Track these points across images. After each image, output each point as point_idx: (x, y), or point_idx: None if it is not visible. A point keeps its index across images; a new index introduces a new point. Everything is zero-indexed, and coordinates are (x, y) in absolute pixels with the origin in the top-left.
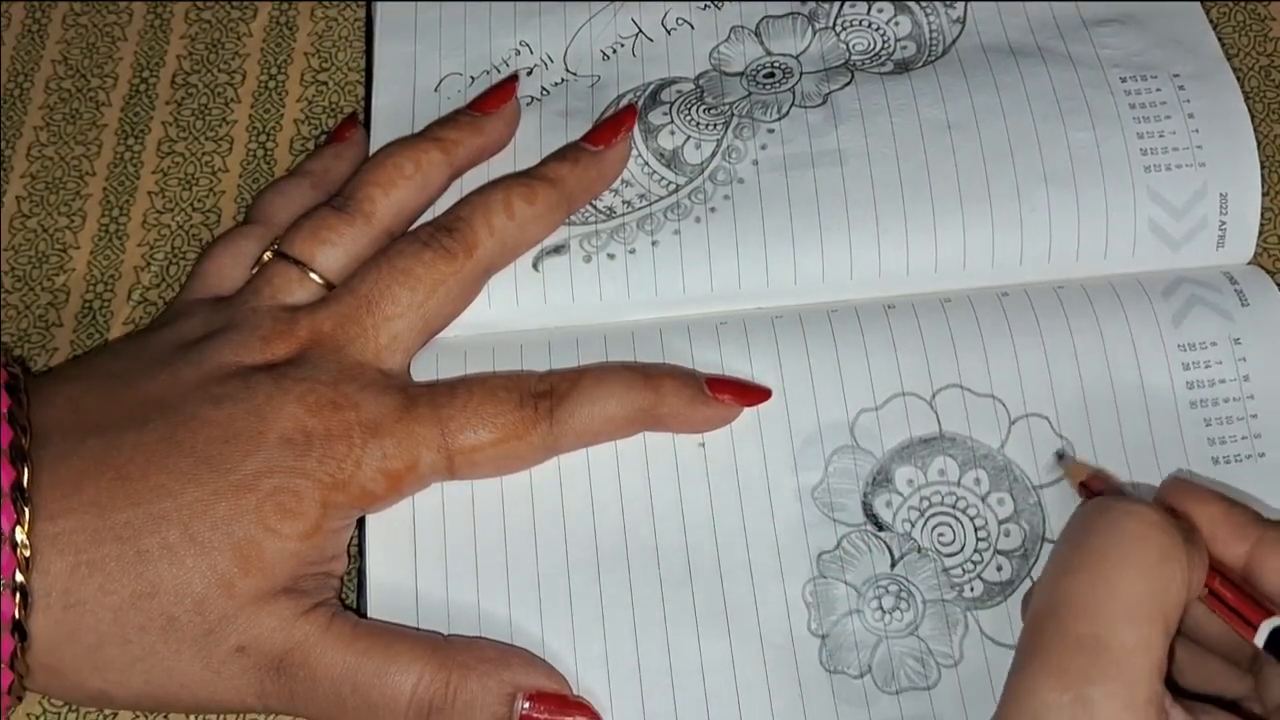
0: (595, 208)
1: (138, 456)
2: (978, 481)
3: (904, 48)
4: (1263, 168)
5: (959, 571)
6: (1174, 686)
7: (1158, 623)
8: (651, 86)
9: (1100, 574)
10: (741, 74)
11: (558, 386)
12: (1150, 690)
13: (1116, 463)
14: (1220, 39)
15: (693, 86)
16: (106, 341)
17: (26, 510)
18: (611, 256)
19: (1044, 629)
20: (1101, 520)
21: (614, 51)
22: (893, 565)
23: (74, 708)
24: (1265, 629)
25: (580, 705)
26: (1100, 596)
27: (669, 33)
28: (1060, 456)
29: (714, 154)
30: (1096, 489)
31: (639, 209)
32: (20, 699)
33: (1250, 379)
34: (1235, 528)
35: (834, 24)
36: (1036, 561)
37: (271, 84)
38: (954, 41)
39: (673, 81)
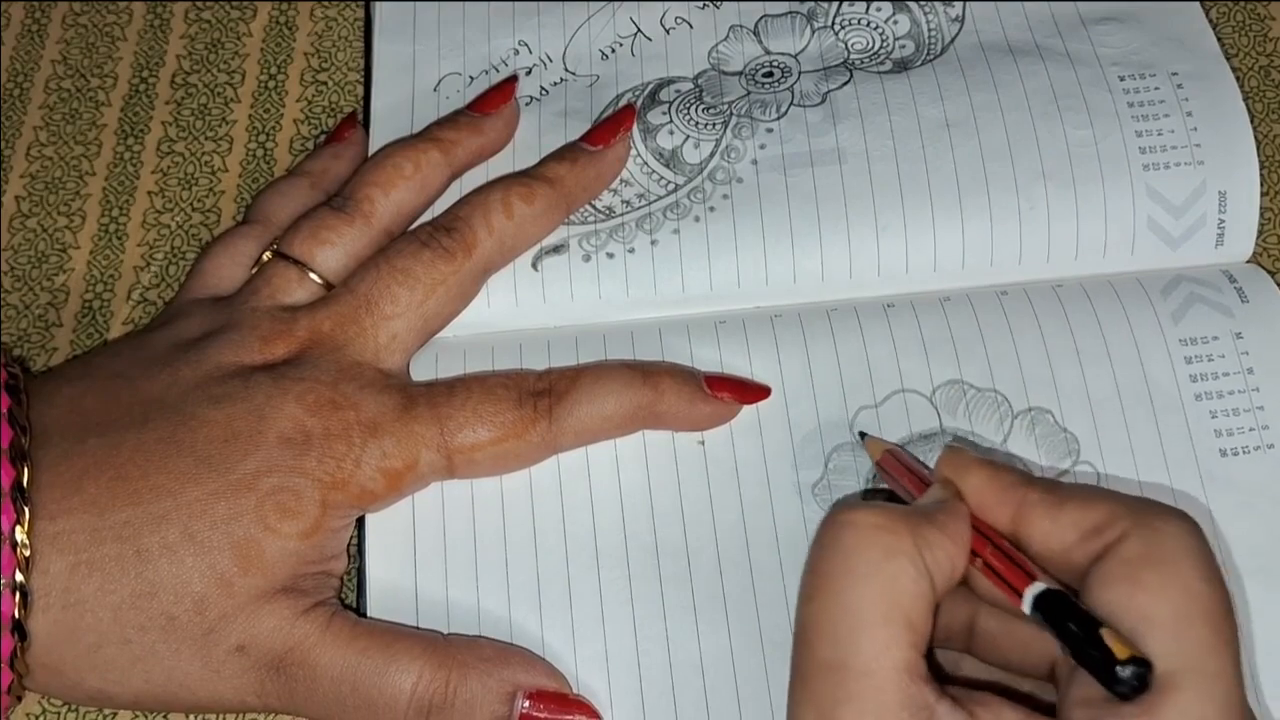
0: (594, 207)
1: (137, 456)
2: None
3: (902, 46)
4: (1262, 168)
5: None
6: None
7: (895, 622)
8: (650, 86)
9: (829, 594)
10: (740, 73)
11: (556, 385)
12: (900, 694)
13: (1123, 455)
14: (1220, 39)
15: (691, 86)
16: (106, 341)
17: (26, 510)
18: (610, 256)
19: (798, 657)
20: (826, 536)
21: (613, 51)
22: None
23: (74, 707)
24: (1029, 596)
25: (580, 704)
26: (834, 617)
27: (668, 32)
28: (862, 436)
29: (713, 153)
30: (888, 466)
31: (638, 208)
32: (20, 699)
33: (1255, 371)
34: (1000, 492)
35: (832, 23)
36: None
37: (271, 84)
38: (952, 40)
39: (671, 81)
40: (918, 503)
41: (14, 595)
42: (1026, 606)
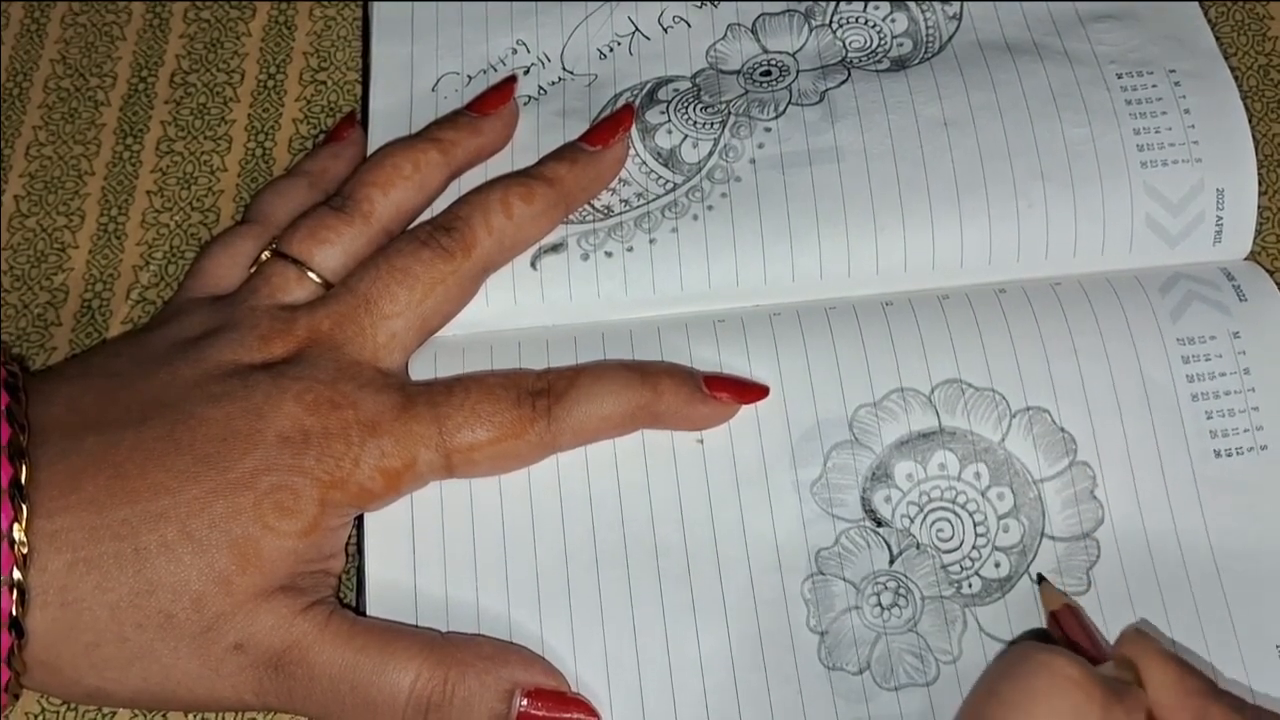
0: (593, 206)
1: (136, 455)
2: (978, 475)
3: (900, 45)
4: (1261, 167)
5: (957, 569)
6: None
7: None
8: (649, 85)
9: None
10: (738, 72)
11: (555, 384)
12: None
13: (1119, 456)
14: (1218, 38)
15: (690, 85)
16: (105, 340)
17: (24, 507)
18: (609, 255)
19: None
20: (1018, 669)
21: (611, 50)
22: (891, 562)
23: (72, 706)
24: None
25: (578, 702)
26: None
27: (666, 31)
28: (1040, 580)
29: (711, 153)
30: (1064, 623)
31: (636, 207)
32: (17, 697)
33: (1251, 371)
34: (1183, 696)
35: (830, 21)
36: (1035, 558)
37: (270, 83)
38: (950, 38)
39: (670, 80)
40: (1100, 672)
41: (12, 592)
42: None
